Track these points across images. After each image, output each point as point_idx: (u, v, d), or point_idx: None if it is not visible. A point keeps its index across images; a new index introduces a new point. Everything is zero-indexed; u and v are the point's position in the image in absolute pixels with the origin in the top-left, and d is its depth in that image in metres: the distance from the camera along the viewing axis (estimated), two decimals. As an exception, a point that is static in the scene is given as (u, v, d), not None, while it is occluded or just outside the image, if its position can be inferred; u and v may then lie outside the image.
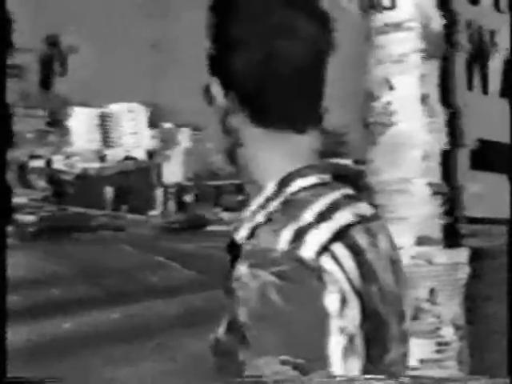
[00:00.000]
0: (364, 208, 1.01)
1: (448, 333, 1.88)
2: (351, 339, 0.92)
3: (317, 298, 0.90)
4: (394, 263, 1.03)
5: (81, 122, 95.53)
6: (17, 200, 71.68)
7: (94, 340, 8.18)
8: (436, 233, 1.94)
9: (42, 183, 75.54)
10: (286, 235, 0.91)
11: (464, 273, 1.92)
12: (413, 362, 1.85)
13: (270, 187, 0.97)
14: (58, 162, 79.10)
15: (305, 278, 0.90)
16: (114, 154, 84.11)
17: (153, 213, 52.67)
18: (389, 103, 1.97)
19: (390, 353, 0.99)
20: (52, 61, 29.28)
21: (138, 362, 7.19)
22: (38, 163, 75.27)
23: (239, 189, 48.99)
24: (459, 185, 1.98)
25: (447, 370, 1.87)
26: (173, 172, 55.90)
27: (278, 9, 0.92)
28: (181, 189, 54.88)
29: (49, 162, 77.96)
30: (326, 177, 0.99)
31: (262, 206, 0.96)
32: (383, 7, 1.97)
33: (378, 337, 0.97)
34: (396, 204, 1.96)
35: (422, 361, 1.87)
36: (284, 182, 0.97)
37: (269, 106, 0.94)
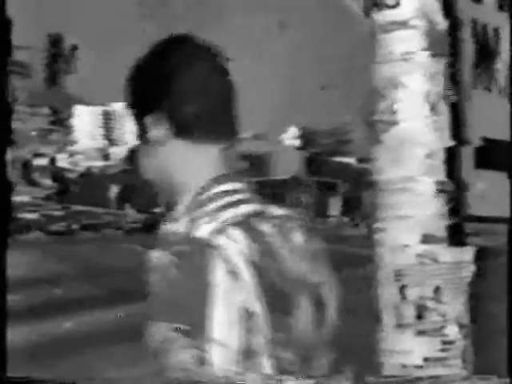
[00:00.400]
0: (273, 208, 1.19)
1: (453, 331, 1.89)
2: (244, 310, 1.04)
3: (206, 272, 1.05)
4: (314, 258, 1.20)
5: (84, 121, 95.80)
6: (19, 198, 71.87)
7: (95, 339, 8.18)
8: (441, 231, 1.94)
9: (46, 181, 75.71)
10: (188, 221, 1.13)
11: (469, 271, 1.92)
12: (417, 360, 1.86)
13: (193, 191, 1.18)
14: (62, 161, 79.19)
15: (197, 255, 1.06)
16: (118, 152, 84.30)
17: (157, 210, 52.71)
18: (393, 101, 1.97)
19: (299, 331, 1.12)
20: (58, 59, 29.32)
21: (140, 361, 7.20)
22: (42, 161, 75.40)
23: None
24: (464, 183, 1.98)
25: (451, 369, 1.88)
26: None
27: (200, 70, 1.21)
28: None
29: (53, 160, 78.08)
30: (239, 184, 1.20)
31: (186, 206, 1.18)
32: (386, 5, 1.97)
33: (279, 311, 1.09)
34: (400, 202, 1.96)
35: (426, 359, 1.87)
36: (204, 188, 1.18)
37: (193, 125, 1.19)
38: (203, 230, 1.10)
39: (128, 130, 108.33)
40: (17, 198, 69.84)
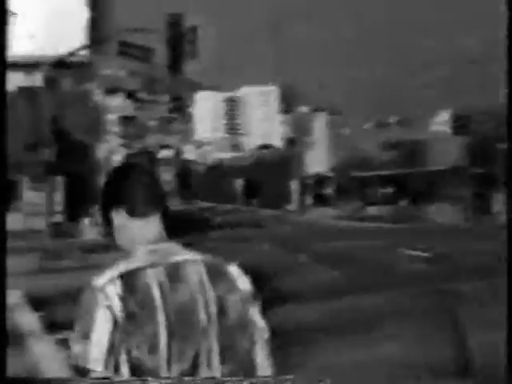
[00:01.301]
0: (176, 257, 2.15)
1: None
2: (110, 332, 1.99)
3: (92, 316, 1.99)
4: (219, 305, 2.08)
5: (206, 108, 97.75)
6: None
7: None
8: None
9: (168, 176, 78.31)
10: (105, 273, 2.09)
11: None
12: None
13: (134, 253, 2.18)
14: (189, 152, 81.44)
15: (91, 299, 2.00)
16: (249, 143, 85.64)
17: (289, 207, 53.04)
18: None
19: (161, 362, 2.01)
20: (178, 41, 30.09)
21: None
22: (167, 153, 77.97)
23: (385, 180, 48.12)
24: None
25: None
26: (314, 162, 55.94)
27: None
28: (319, 180, 54.77)
29: (178, 152, 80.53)
30: (164, 245, 2.17)
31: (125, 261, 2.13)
32: None
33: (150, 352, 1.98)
34: None
35: None
36: (137, 248, 2.18)
37: (135, 207, 2.17)
38: (101, 280, 2.06)
39: (254, 118, 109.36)
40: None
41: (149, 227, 2.17)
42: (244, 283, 2.15)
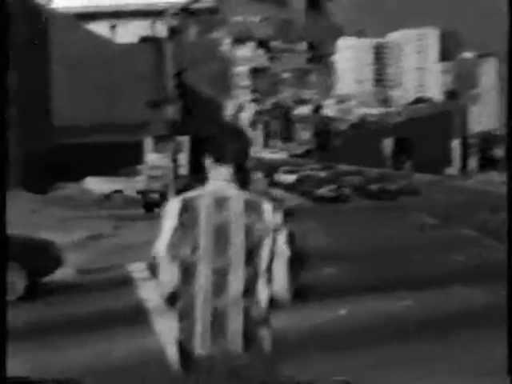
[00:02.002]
0: (230, 193, 3.43)
1: None
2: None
3: (163, 222, 3.46)
4: (253, 238, 3.33)
5: (350, 57, 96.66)
6: (277, 156, 75.35)
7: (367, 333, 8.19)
8: None
9: (305, 135, 78.24)
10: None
11: None
12: None
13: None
14: (330, 108, 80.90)
15: (165, 213, 3.45)
16: (400, 96, 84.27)
17: (449, 171, 51.74)
18: None
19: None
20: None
21: (424, 362, 6.90)
22: (304, 110, 77.90)
23: None
24: None
25: None
26: (480, 118, 54.11)
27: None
28: (486, 140, 53.02)
29: (317, 108, 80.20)
30: (230, 184, 3.46)
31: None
32: None
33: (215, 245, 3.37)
34: None
35: None
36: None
37: (216, 155, 3.52)
38: (175, 198, 3.52)
39: (408, 68, 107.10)
40: (276, 156, 73.49)
41: (222, 172, 3.47)
42: (275, 217, 3.39)
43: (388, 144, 65.90)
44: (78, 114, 37.80)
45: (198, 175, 30.99)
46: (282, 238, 3.38)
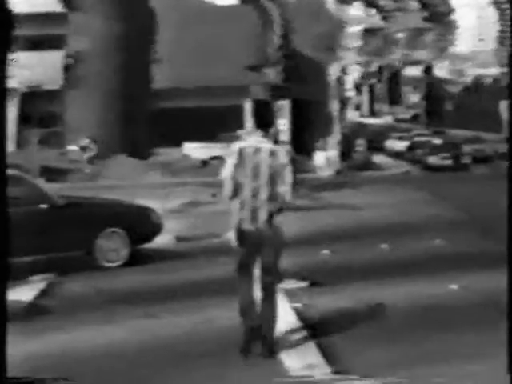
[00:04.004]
0: (262, 145, 6.69)
1: None
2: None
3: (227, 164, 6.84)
4: (273, 170, 6.61)
5: (469, 14, 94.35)
6: (380, 121, 74.44)
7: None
8: None
9: (414, 98, 77.07)
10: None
11: None
12: None
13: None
14: (442, 70, 78.92)
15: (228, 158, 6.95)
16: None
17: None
18: None
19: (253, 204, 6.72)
20: None
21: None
22: (414, 71, 76.32)
23: None
24: None
25: None
26: None
27: None
28: None
29: (428, 69, 78.60)
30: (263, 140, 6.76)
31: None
32: None
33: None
34: None
35: None
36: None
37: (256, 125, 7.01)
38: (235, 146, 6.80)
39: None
40: (376, 121, 72.59)
41: (258, 133, 6.63)
42: (283, 158, 6.55)
43: (503, 106, 64.09)
44: (177, 77, 38.26)
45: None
46: (287, 170, 6.52)
